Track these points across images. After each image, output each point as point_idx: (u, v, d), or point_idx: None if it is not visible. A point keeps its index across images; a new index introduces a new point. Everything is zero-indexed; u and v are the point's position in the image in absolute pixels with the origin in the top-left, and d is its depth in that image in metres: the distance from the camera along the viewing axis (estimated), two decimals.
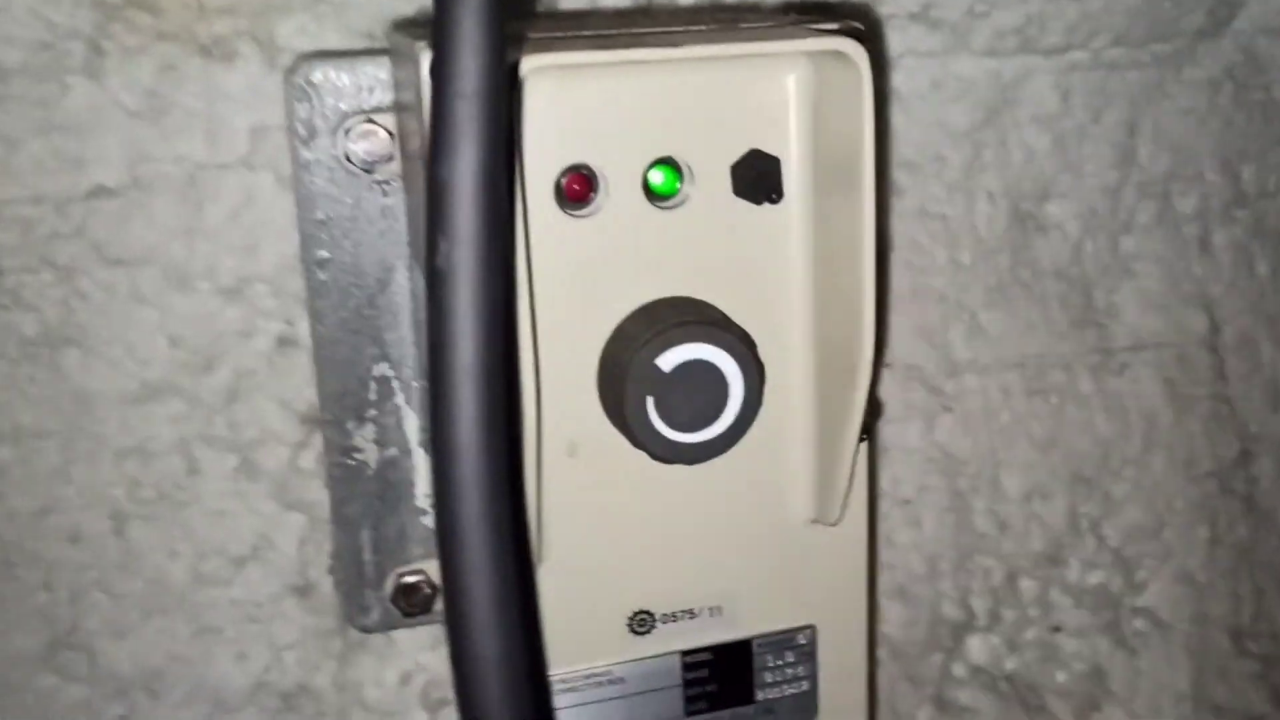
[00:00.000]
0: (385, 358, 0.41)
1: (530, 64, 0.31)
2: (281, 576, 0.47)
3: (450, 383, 0.25)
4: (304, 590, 0.47)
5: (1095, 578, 0.57)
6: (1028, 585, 0.56)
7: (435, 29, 0.26)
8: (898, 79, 0.50)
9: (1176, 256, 0.55)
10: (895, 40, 0.49)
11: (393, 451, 0.42)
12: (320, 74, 0.40)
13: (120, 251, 0.44)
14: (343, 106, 0.41)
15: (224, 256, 0.44)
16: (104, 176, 0.43)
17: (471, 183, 0.25)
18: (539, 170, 0.34)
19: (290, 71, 0.42)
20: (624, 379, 0.34)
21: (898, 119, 0.51)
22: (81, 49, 0.42)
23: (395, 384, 0.42)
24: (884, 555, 0.54)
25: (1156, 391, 0.55)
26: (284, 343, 0.45)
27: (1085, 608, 0.57)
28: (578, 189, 0.35)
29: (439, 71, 0.26)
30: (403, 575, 0.42)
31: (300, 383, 0.45)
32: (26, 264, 0.43)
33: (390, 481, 0.42)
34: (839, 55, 0.33)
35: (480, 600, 0.25)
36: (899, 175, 0.51)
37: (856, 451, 0.37)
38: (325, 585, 0.47)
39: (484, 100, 0.25)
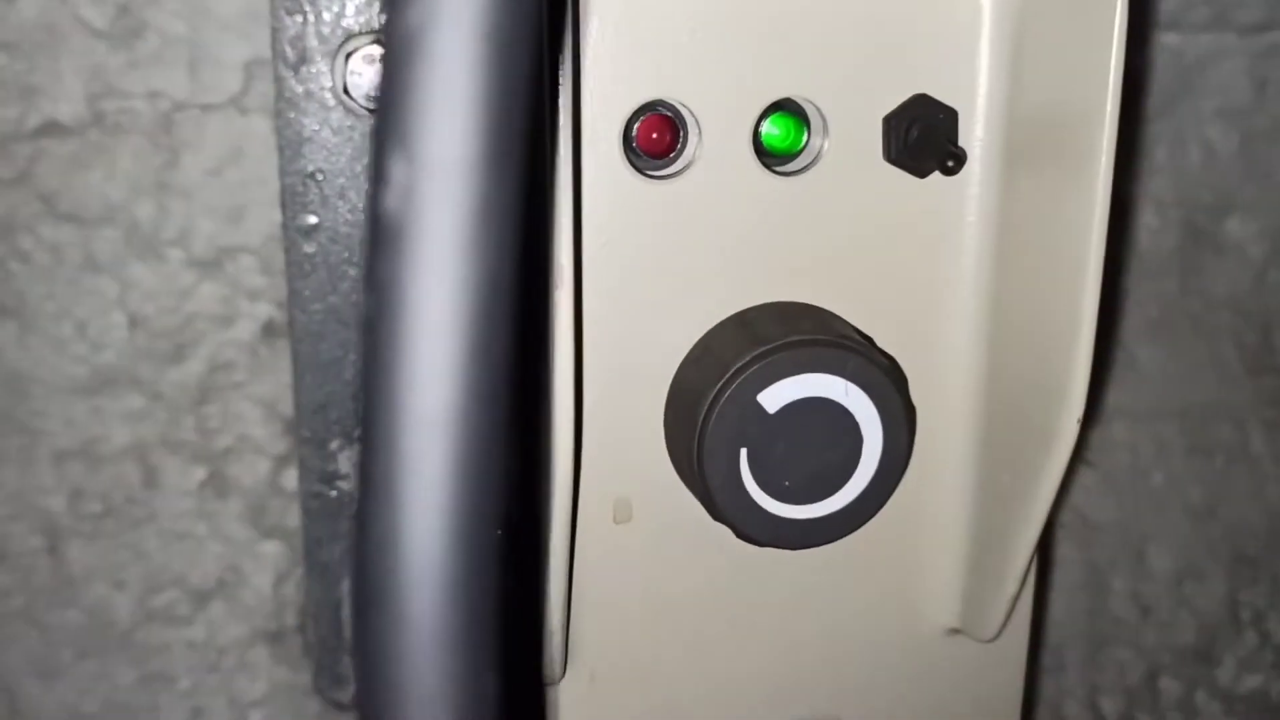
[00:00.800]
0: None
1: None
2: (251, 619, 0.39)
3: (395, 448, 0.14)
4: (277, 637, 0.39)
5: (1252, 681, 0.48)
6: (1170, 686, 0.47)
7: None
8: None
9: None
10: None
11: None
12: None
13: (73, 206, 0.36)
14: (346, 23, 0.32)
15: (202, 220, 0.37)
16: (58, 111, 0.36)
17: (471, 39, 0.13)
18: (603, 109, 0.23)
19: None
20: (706, 422, 0.23)
21: None
22: None
23: None
24: None
25: None
26: (271, 331, 0.37)
27: (1237, 716, 0.48)
28: (657, 139, 0.24)
29: None
30: None
31: (289, 383, 0.37)
32: None
33: None
34: None
35: None
36: None
37: (1035, 548, 0.26)
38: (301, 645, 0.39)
39: None
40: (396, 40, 0.13)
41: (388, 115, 0.14)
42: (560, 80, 0.21)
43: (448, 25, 0.13)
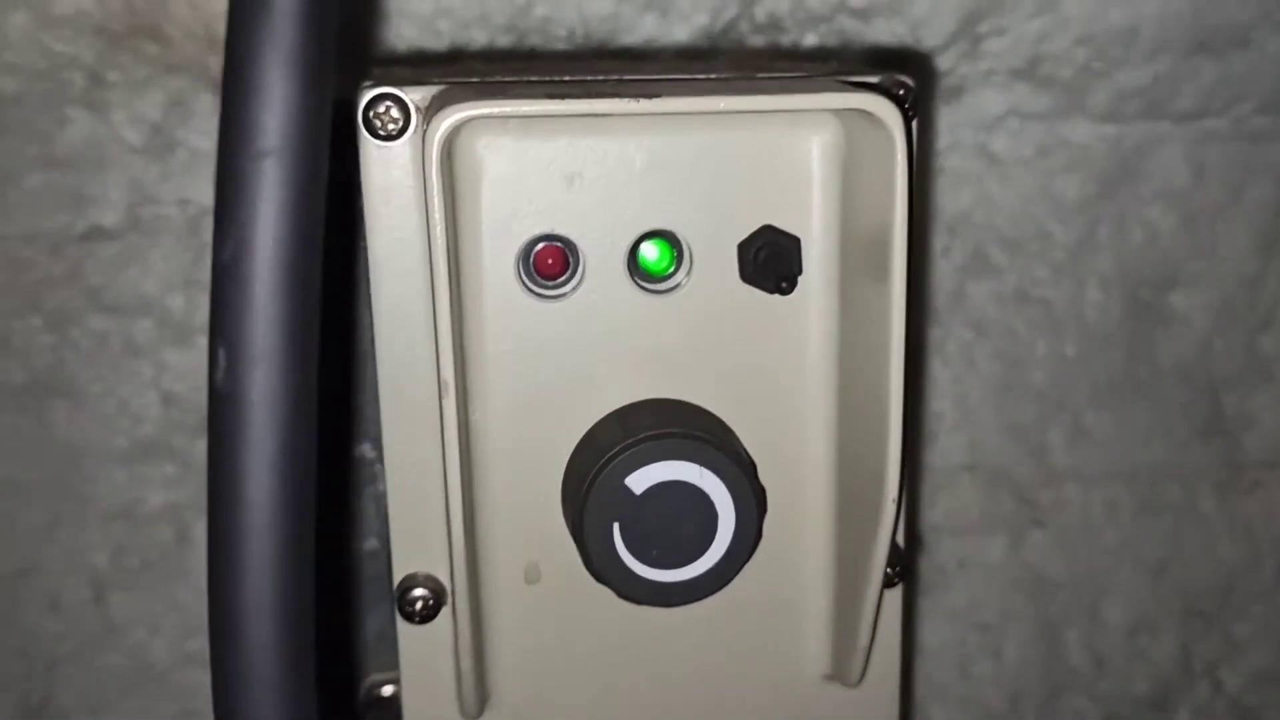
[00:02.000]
0: (365, 435, 0.36)
1: (451, 119, 0.25)
2: None
3: (231, 548, 0.19)
4: None
5: None
6: None
7: (225, 57, 0.20)
8: (998, 143, 0.44)
9: None
10: (995, 100, 0.43)
11: (373, 543, 0.37)
12: None
13: (115, 299, 0.41)
14: None
15: None
16: (102, 217, 0.40)
17: (268, 270, 0.19)
18: (500, 240, 0.28)
19: None
20: (585, 499, 0.27)
21: (996, 189, 0.44)
22: (82, 79, 0.39)
23: (378, 468, 0.37)
24: (959, 689, 0.47)
25: None
26: None
27: None
28: (550, 264, 0.29)
29: (224, 122, 0.20)
30: (376, 685, 0.37)
31: None
32: (15, 308, 0.41)
33: (368, 575, 0.37)
34: (868, 116, 0.26)
35: None
36: (994, 252, 0.45)
37: (882, 599, 0.30)
38: None
39: (288, 159, 0.19)
40: (218, 266, 0.18)
41: (215, 317, 0.19)
42: (435, 229, 0.25)
43: (251, 259, 0.18)
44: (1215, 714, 0.49)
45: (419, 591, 0.29)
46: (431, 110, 0.26)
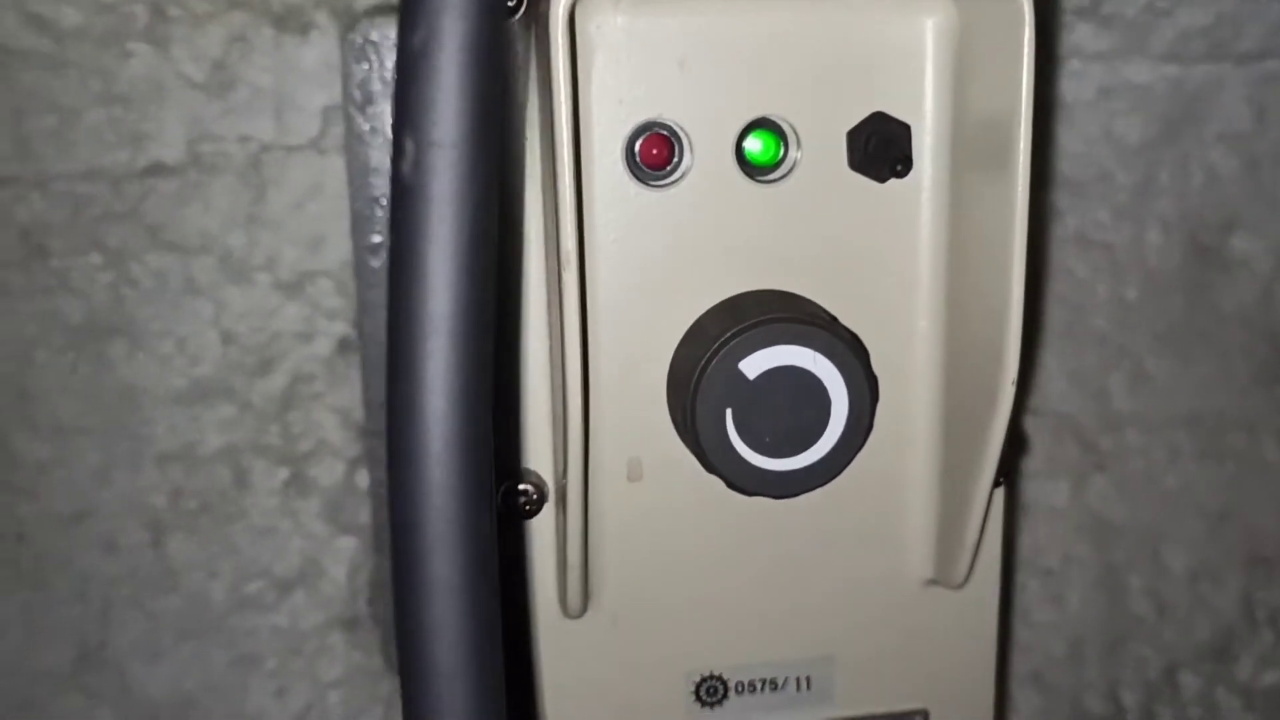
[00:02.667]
0: None
1: None
2: (329, 607, 0.43)
3: (413, 338, 0.18)
4: (352, 623, 0.43)
5: (1270, 677, 0.49)
6: (1189, 681, 0.49)
7: None
8: (1061, 84, 0.44)
9: None
10: (1059, 39, 0.43)
11: None
12: (380, 31, 0.35)
13: (175, 236, 0.41)
14: None
15: (286, 248, 0.41)
16: (163, 154, 0.40)
17: (456, 57, 0.18)
18: (606, 127, 0.28)
19: (348, 28, 0.37)
20: (697, 387, 0.27)
21: (1058, 130, 0.44)
22: (145, 13, 0.39)
23: None
24: (1018, 633, 0.47)
25: None
26: (346, 347, 0.41)
27: (1256, 711, 0.49)
28: (655, 154, 0.28)
29: None
30: None
31: (362, 392, 0.41)
32: (75, 245, 0.40)
33: None
34: None
35: (444, 675, 0.19)
36: (1056, 195, 0.44)
37: (990, 499, 0.30)
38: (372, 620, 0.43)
39: None
40: (406, 54, 0.18)
41: (401, 107, 0.18)
42: (561, 103, 0.25)
43: (441, 45, 0.17)
44: (1277, 662, 0.49)
45: (523, 486, 0.29)
46: None
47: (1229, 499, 0.47)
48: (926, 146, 0.29)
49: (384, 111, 0.36)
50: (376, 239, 0.37)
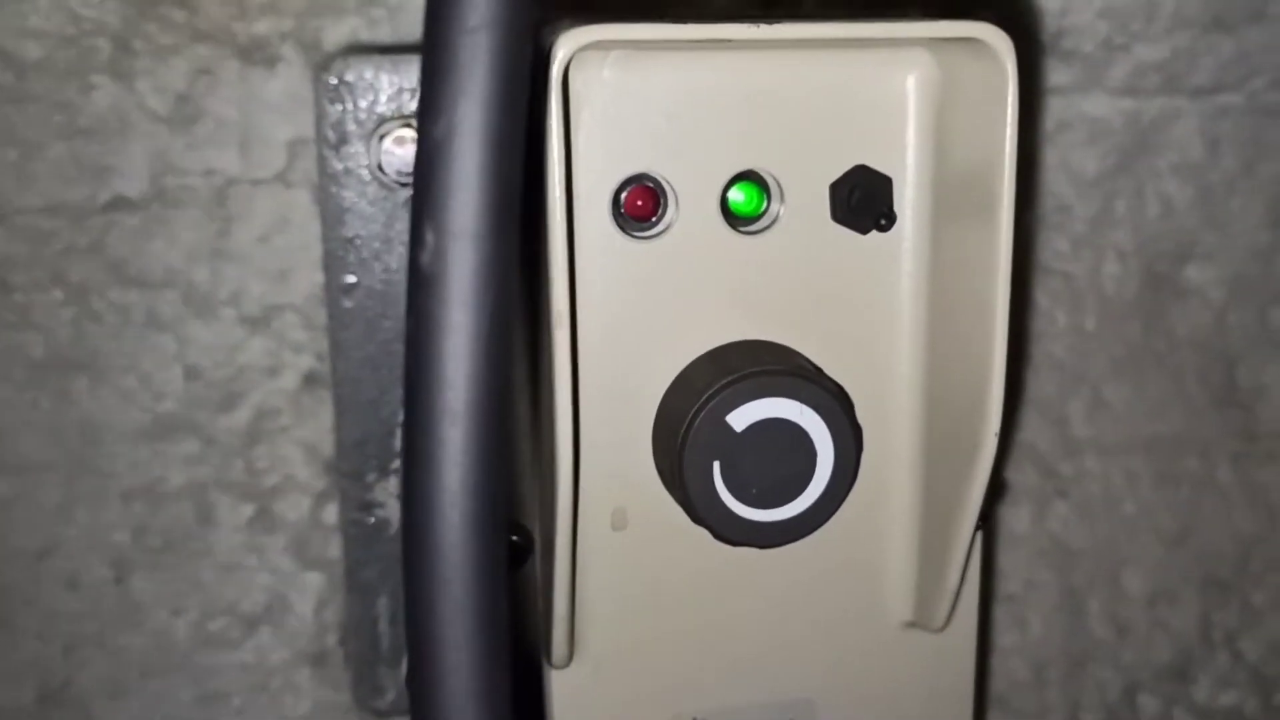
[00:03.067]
0: None
1: (577, 40, 0.25)
2: (295, 642, 0.43)
3: (429, 428, 0.19)
4: (319, 659, 0.43)
5: (1228, 698, 0.50)
6: (1148, 702, 0.49)
7: None
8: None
9: None
10: (1038, 87, 0.44)
11: None
12: (355, 72, 0.35)
13: (139, 271, 0.40)
14: (380, 109, 0.36)
15: (252, 282, 0.40)
16: (126, 188, 0.40)
17: (478, 148, 0.18)
18: (593, 180, 0.28)
19: (322, 68, 0.37)
20: (685, 438, 0.27)
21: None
22: (108, 46, 0.39)
23: None
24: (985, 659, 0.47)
25: None
26: (312, 381, 0.41)
27: None
28: (641, 205, 0.28)
29: None
30: None
31: (328, 427, 0.41)
32: (37, 280, 0.40)
33: None
34: (974, 46, 0.26)
35: None
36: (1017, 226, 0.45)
37: (973, 543, 0.30)
38: (341, 656, 0.43)
39: (500, 34, 0.18)
40: (427, 143, 0.18)
41: (422, 196, 0.18)
42: (553, 161, 0.25)
43: (463, 136, 0.18)
44: (1236, 683, 0.50)
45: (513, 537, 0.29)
46: (545, 39, 0.26)
47: (1185, 522, 0.48)
48: (908, 198, 0.29)
49: (358, 152, 0.36)
50: (350, 279, 0.37)
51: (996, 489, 0.36)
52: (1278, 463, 0.48)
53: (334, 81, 0.35)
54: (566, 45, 0.25)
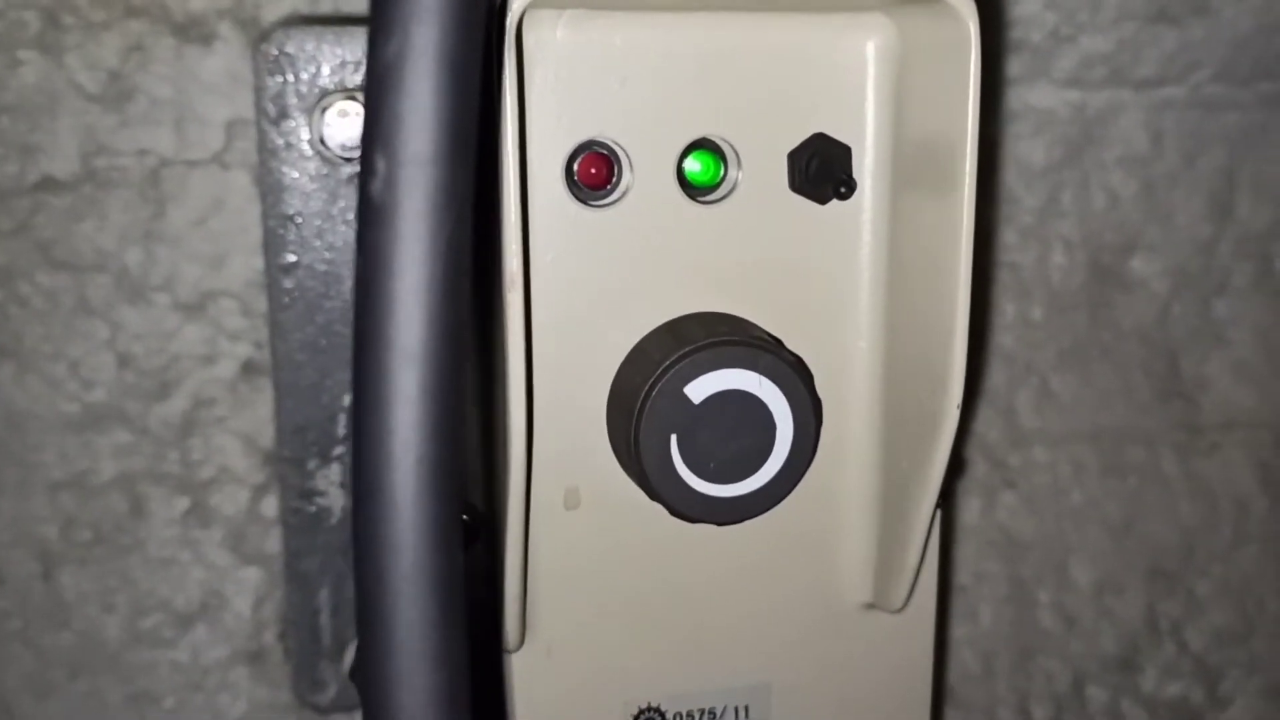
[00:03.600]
0: None
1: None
2: (232, 640, 0.41)
3: (381, 369, 0.17)
4: (257, 656, 0.41)
5: (1174, 688, 0.50)
6: (1096, 693, 0.49)
7: None
8: None
9: (1275, 325, 0.49)
10: (1001, 61, 0.44)
11: None
12: (296, 44, 0.34)
13: (68, 254, 0.39)
14: (322, 82, 0.35)
15: (187, 266, 0.39)
16: (54, 167, 0.38)
17: (432, 69, 0.17)
18: (545, 145, 0.27)
19: (261, 39, 0.36)
20: (641, 411, 0.26)
21: None
22: (37, 21, 0.37)
23: None
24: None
25: (1249, 477, 0.49)
26: (250, 369, 0.40)
27: None
28: (595, 174, 0.27)
29: None
30: None
31: (267, 416, 0.40)
32: None
33: None
34: (935, 8, 0.25)
35: (414, 700, 0.18)
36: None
37: (933, 521, 0.29)
38: (280, 652, 0.41)
39: None
40: (378, 65, 0.17)
41: (371, 122, 0.17)
42: (509, 120, 0.24)
43: (416, 56, 0.17)
44: (1181, 673, 0.50)
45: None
46: None
47: (1131, 513, 0.48)
48: (868, 168, 0.29)
49: (299, 126, 0.35)
50: (291, 258, 0.36)
51: (955, 466, 0.36)
52: (1221, 454, 0.49)
53: (274, 53, 0.34)
54: (520, 3, 0.24)
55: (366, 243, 0.17)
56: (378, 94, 0.17)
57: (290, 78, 0.35)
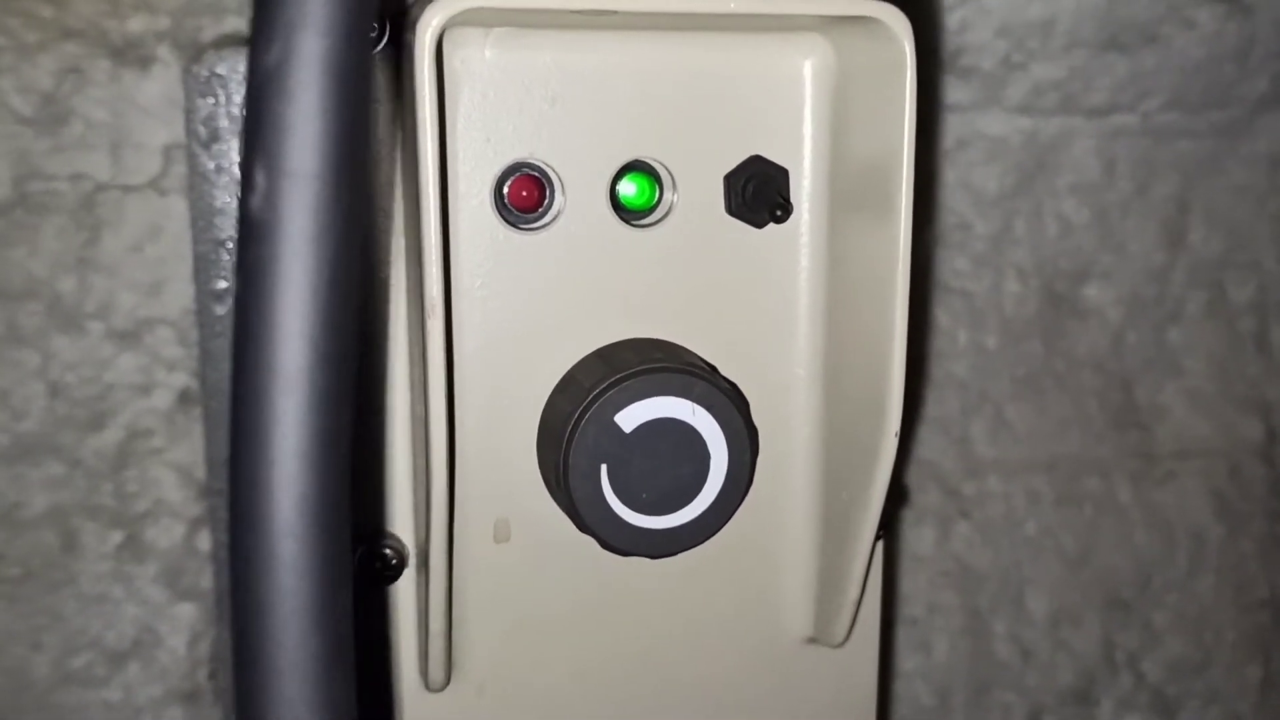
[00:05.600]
0: None
1: (449, 8, 0.23)
2: (166, 679, 0.40)
3: (258, 403, 0.16)
4: (192, 696, 0.40)
5: None
6: None
7: None
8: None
9: (1229, 353, 0.48)
10: (937, 84, 0.43)
11: None
12: (229, 65, 0.33)
13: None
14: None
15: (122, 294, 0.38)
16: None
17: (316, 77, 0.16)
18: (472, 167, 0.26)
19: (193, 60, 0.35)
20: (570, 440, 0.26)
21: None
22: None
23: None
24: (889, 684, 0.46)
25: (1204, 506, 0.49)
26: (187, 400, 0.39)
27: None
28: (525, 196, 0.27)
29: None
30: None
31: (203, 447, 0.39)
32: None
33: None
34: (870, 28, 0.25)
35: None
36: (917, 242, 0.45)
37: (873, 553, 0.29)
38: (214, 691, 0.40)
39: None
40: (259, 74, 0.16)
41: (251, 134, 0.17)
42: (425, 136, 0.24)
43: (299, 64, 0.16)
44: (1138, 705, 0.49)
45: (384, 549, 0.27)
46: (412, 13, 0.24)
47: (1087, 543, 0.48)
48: (805, 191, 0.28)
49: (230, 149, 0.34)
50: (221, 284, 0.35)
51: (897, 496, 0.35)
52: (1176, 483, 0.48)
53: (205, 74, 0.33)
54: (439, 13, 0.23)
55: (245, 262, 0.16)
56: (258, 104, 0.17)
57: (222, 99, 0.34)
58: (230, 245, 0.35)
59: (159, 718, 0.40)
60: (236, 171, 0.34)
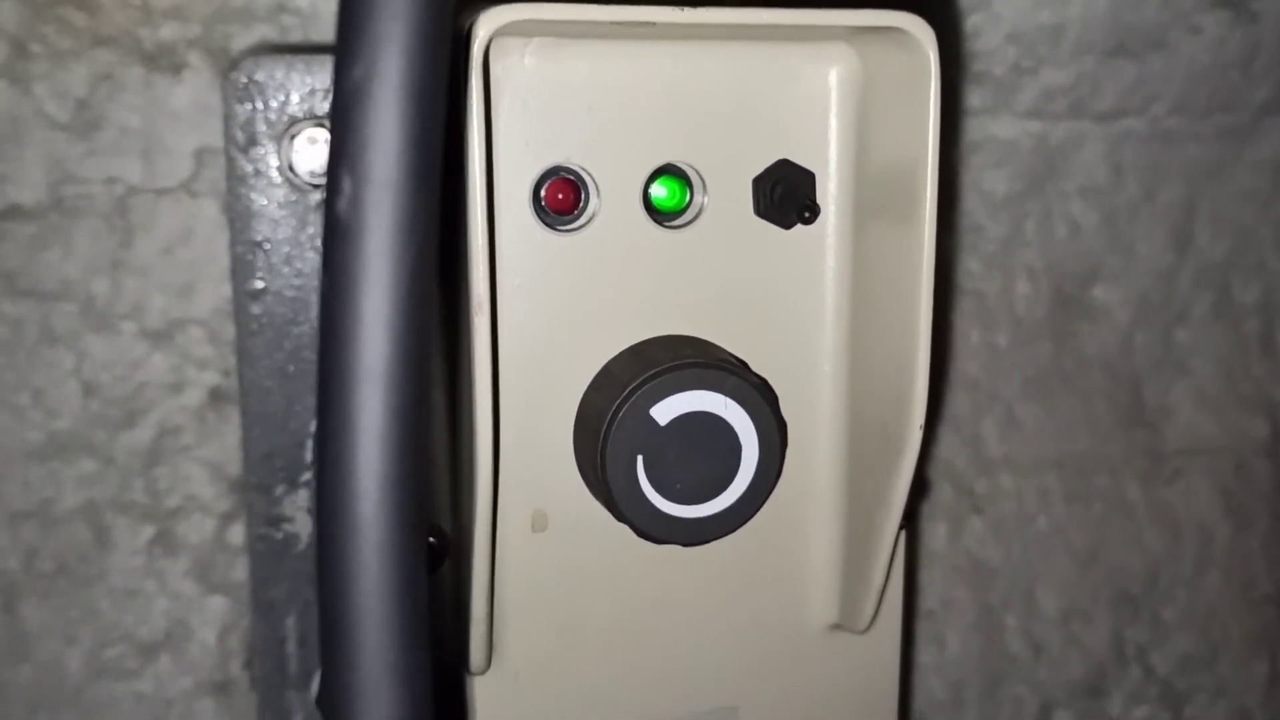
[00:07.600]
0: None
1: (497, 20, 0.24)
2: (197, 671, 0.41)
3: (346, 389, 0.18)
4: (223, 688, 0.41)
5: (1140, 713, 0.50)
6: (1064, 719, 0.49)
7: None
8: None
9: (1235, 354, 0.49)
10: (960, 90, 0.44)
11: None
12: (266, 71, 0.34)
13: (33, 282, 0.38)
14: (291, 110, 0.35)
15: (154, 295, 0.39)
16: (20, 196, 0.38)
17: (398, 92, 0.18)
18: (513, 171, 0.27)
19: (231, 67, 0.36)
20: (607, 433, 0.27)
21: None
22: (4, 49, 0.37)
23: None
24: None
25: (1212, 503, 0.49)
26: (218, 397, 0.40)
27: None
28: (562, 199, 0.28)
29: None
30: None
31: (234, 444, 0.40)
32: None
33: None
34: (896, 37, 0.26)
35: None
36: None
37: (896, 542, 0.30)
38: (247, 682, 0.41)
39: None
40: (345, 89, 0.17)
41: (339, 142, 0.18)
42: (474, 143, 0.25)
43: (382, 80, 0.17)
44: (1147, 698, 0.50)
45: (430, 539, 0.28)
46: (465, 18, 0.25)
47: (1096, 539, 0.49)
48: (831, 193, 0.29)
49: (268, 154, 0.35)
50: (259, 284, 0.36)
51: (919, 487, 0.36)
52: (1184, 481, 0.49)
53: (243, 81, 0.34)
54: (486, 25, 0.24)
55: (332, 261, 0.18)
56: (344, 116, 0.18)
57: (259, 105, 0.35)
58: (266, 247, 0.36)
59: (190, 709, 0.41)
60: (273, 175, 0.35)
